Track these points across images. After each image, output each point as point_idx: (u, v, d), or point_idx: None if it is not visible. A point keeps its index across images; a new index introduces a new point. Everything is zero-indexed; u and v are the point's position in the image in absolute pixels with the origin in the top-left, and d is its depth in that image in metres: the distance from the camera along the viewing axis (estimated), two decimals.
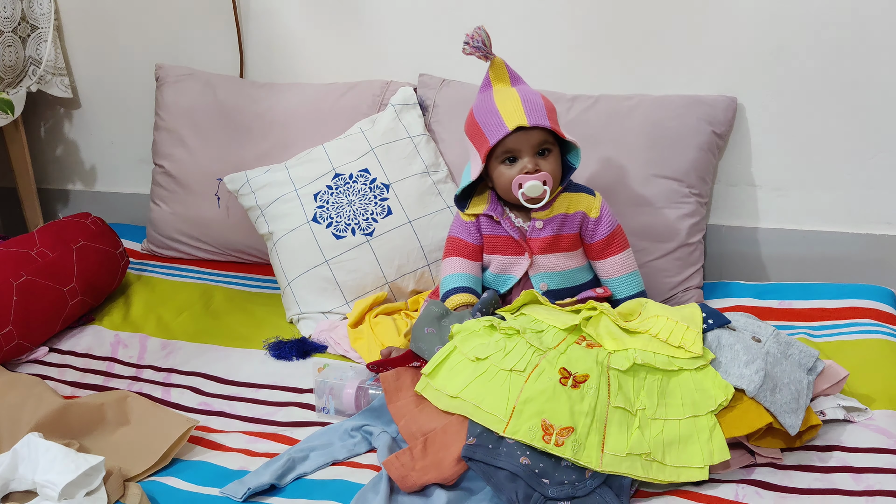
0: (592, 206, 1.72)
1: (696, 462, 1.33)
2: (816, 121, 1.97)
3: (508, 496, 1.29)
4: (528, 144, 1.64)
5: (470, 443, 1.34)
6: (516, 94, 1.67)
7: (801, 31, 1.91)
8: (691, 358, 1.41)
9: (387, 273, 1.93)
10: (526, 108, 1.64)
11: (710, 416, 1.36)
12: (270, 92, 2.23)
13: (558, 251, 1.72)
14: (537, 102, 1.66)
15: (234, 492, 1.36)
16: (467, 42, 1.65)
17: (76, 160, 2.62)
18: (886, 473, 1.34)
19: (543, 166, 1.65)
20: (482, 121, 1.68)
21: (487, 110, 1.67)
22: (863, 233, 2.01)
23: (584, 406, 1.35)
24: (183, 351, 1.84)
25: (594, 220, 1.72)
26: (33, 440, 1.36)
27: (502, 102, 1.66)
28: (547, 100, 1.70)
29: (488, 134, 1.65)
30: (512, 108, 1.64)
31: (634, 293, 1.73)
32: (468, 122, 1.72)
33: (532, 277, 1.73)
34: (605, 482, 1.30)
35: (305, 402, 1.64)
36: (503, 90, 1.68)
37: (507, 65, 1.70)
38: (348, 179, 1.99)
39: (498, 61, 1.69)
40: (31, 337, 1.80)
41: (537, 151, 1.66)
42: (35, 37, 2.39)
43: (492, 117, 1.66)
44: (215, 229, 2.22)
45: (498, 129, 1.64)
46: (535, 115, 1.63)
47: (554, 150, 1.68)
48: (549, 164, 1.66)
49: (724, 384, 1.38)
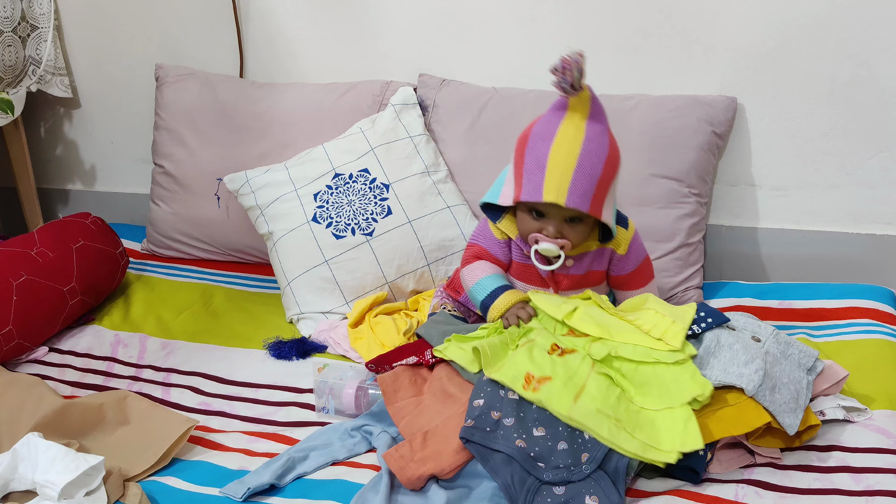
0: (622, 243, 1.62)
1: (664, 445, 1.32)
2: (816, 121, 1.97)
3: (504, 480, 1.29)
4: (559, 214, 1.52)
5: (468, 425, 1.35)
6: (575, 154, 1.46)
7: (801, 31, 1.91)
8: (670, 351, 1.41)
9: (387, 273, 1.93)
10: (574, 184, 1.46)
11: (686, 407, 1.35)
12: (270, 92, 2.23)
13: (587, 286, 1.64)
14: (592, 173, 1.47)
15: (233, 492, 1.36)
16: (555, 70, 1.45)
17: (76, 160, 2.62)
18: (886, 473, 1.34)
19: (568, 233, 1.53)
20: (528, 162, 1.51)
21: (538, 156, 1.49)
22: (863, 233, 2.01)
23: (567, 367, 1.40)
24: (183, 351, 1.84)
25: (621, 257, 1.63)
26: (33, 440, 1.36)
27: (555, 159, 1.47)
28: (610, 165, 1.50)
29: (525, 184, 1.50)
30: (559, 174, 1.46)
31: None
32: (520, 140, 1.54)
33: None
34: (601, 467, 1.30)
35: (305, 402, 1.64)
36: (569, 134, 1.48)
37: (592, 98, 1.50)
38: (348, 179, 1.99)
39: (584, 95, 1.48)
40: (31, 337, 1.80)
41: (566, 219, 1.53)
42: (35, 37, 2.39)
43: (537, 170, 1.49)
44: (215, 229, 2.22)
45: (534, 191, 1.49)
46: (577, 194, 1.46)
47: (586, 220, 1.54)
48: (574, 233, 1.54)
49: (703, 381, 1.37)
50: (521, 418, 1.37)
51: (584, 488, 1.28)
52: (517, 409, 1.38)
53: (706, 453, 1.35)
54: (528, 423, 1.36)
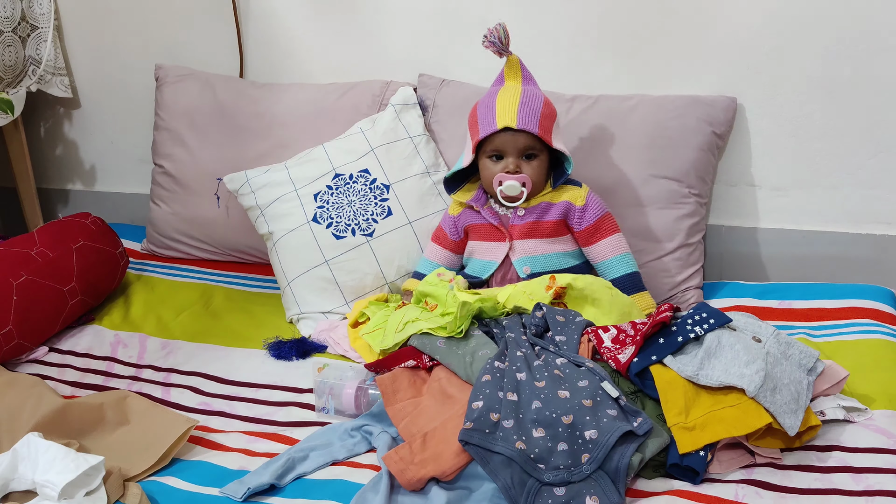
0: (578, 196, 1.77)
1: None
2: (816, 121, 1.97)
3: (504, 481, 1.29)
4: (515, 146, 1.72)
5: (467, 427, 1.35)
6: (518, 94, 1.71)
7: (801, 31, 1.91)
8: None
9: (387, 273, 1.93)
10: (521, 111, 1.69)
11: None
12: (270, 92, 2.23)
13: (539, 236, 1.77)
14: (535, 106, 1.70)
15: (233, 492, 1.36)
16: (486, 36, 1.71)
17: (76, 160, 2.62)
18: (886, 473, 1.34)
19: (526, 169, 1.73)
20: (480, 113, 1.75)
21: (487, 104, 1.74)
22: (863, 233, 2.01)
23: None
24: (183, 351, 1.84)
25: (580, 209, 1.77)
26: (33, 440, 1.36)
27: (502, 100, 1.72)
28: (549, 105, 1.73)
29: (480, 127, 1.73)
30: (507, 107, 1.69)
31: (628, 272, 1.78)
32: (471, 111, 1.80)
33: (514, 262, 1.78)
34: (601, 467, 1.30)
35: (305, 402, 1.64)
36: (510, 87, 1.74)
37: (521, 63, 1.76)
38: (348, 180, 1.99)
39: (513, 59, 1.75)
40: (30, 336, 1.80)
41: (523, 154, 1.73)
42: (35, 37, 2.39)
43: (487, 112, 1.73)
44: (215, 229, 2.22)
45: (488, 126, 1.71)
46: (526, 118, 1.68)
47: (541, 156, 1.74)
48: (532, 169, 1.73)
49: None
50: (520, 420, 1.37)
51: (584, 489, 1.28)
52: (516, 410, 1.38)
53: (706, 453, 1.35)
54: (527, 425, 1.36)
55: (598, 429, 1.33)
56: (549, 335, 1.56)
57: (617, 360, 1.47)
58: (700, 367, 1.41)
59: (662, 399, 1.39)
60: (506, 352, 1.51)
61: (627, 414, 1.37)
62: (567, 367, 1.45)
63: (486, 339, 1.57)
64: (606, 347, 1.50)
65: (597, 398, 1.37)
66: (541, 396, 1.39)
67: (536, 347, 1.53)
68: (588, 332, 1.55)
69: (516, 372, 1.44)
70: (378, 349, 1.67)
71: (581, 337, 1.54)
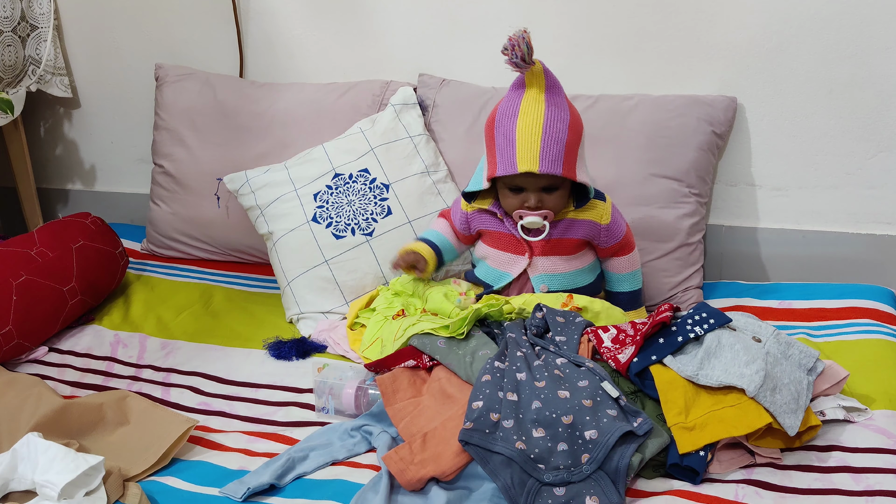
0: (603, 213, 1.71)
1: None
2: (816, 121, 1.97)
3: (504, 482, 1.29)
4: (536, 185, 1.63)
5: (467, 427, 1.35)
6: (540, 124, 1.57)
7: (801, 31, 1.91)
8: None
9: (387, 273, 1.93)
10: (543, 150, 1.57)
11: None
12: (270, 92, 2.23)
13: (560, 254, 1.72)
14: (559, 138, 1.58)
15: (233, 491, 1.36)
16: (505, 49, 1.55)
17: (76, 160, 2.62)
18: (886, 473, 1.34)
19: (547, 202, 1.64)
20: (498, 141, 1.62)
21: (506, 132, 1.60)
22: (863, 233, 2.01)
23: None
24: (182, 351, 1.84)
25: (605, 227, 1.71)
26: (33, 440, 1.36)
27: (523, 132, 1.58)
28: (575, 127, 1.61)
29: (499, 160, 1.61)
30: (528, 144, 1.57)
31: (634, 289, 1.79)
32: (488, 123, 1.66)
33: (532, 279, 1.74)
34: (601, 467, 1.31)
35: (305, 401, 1.64)
36: (531, 106, 1.59)
37: (545, 71, 1.61)
38: (348, 179, 1.99)
39: (537, 69, 1.60)
40: (30, 336, 1.80)
41: (543, 189, 1.64)
42: (35, 36, 2.39)
43: (507, 146, 1.60)
44: (215, 229, 2.22)
45: (508, 164, 1.59)
46: (550, 160, 1.57)
47: (562, 187, 1.65)
48: (553, 201, 1.65)
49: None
50: (520, 420, 1.37)
51: (584, 489, 1.28)
52: (516, 410, 1.38)
53: (706, 453, 1.35)
54: (527, 425, 1.36)
55: (598, 429, 1.33)
56: (549, 335, 1.57)
57: (617, 360, 1.47)
58: (700, 367, 1.41)
59: (662, 399, 1.40)
60: (506, 352, 1.51)
61: (627, 414, 1.37)
62: (567, 367, 1.45)
63: (487, 339, 1.57)
64: (606, 347, 1.50)
65: (597, 398, 1.37)
66: (541, 396, 1.39)
67: (536, 347, 1.53)
68: (588, 332, 1.55)
69: (516, 372, 1.44)
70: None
71: (581, 337, 1.54)
